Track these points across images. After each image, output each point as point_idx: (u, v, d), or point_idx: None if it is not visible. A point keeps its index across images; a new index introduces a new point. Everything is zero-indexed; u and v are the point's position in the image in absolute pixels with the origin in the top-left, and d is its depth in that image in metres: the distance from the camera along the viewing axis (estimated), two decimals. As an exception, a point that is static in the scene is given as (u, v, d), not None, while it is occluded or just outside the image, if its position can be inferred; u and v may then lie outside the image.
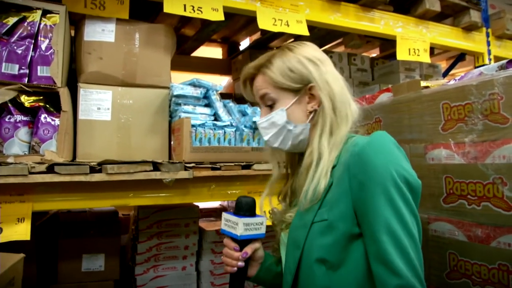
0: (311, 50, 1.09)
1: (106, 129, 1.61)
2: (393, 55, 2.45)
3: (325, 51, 2.78)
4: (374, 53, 3.42)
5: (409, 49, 2.38)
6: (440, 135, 1.33)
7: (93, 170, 1.37)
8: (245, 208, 1.10)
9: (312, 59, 1.06)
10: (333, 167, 1.01)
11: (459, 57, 3.20)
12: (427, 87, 1.43)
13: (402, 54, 2.34)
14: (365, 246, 0.93)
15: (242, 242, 1.10)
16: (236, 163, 1.57)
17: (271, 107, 1.10)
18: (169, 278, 2.16)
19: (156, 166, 1.44)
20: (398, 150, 0.95)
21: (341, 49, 3.14)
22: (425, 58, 2.43)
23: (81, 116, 1.59)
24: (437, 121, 1.34)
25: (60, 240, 1.95)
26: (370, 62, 2.98)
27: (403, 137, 1.47)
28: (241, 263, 1.10)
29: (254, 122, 1.63)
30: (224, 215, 1.14)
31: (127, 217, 2.76)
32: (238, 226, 1.07)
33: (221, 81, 3.01)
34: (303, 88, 1.06)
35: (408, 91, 1.46)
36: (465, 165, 1.24)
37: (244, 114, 1.76)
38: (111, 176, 1.35)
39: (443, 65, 3.54)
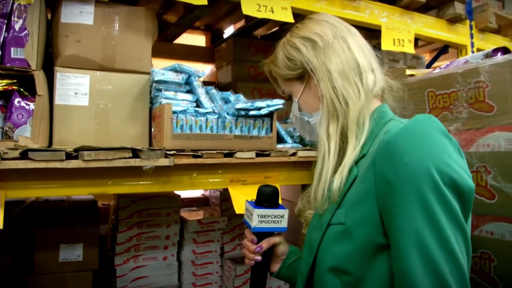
0: (312, 25, 0.98)
1: (83, 115, 1.55)
2: (377, 46, 2.43)
3: (310, 41, 2.76)
4: (359, 43, 3.40)
5: (394, 40, 2.37)
6: (425, 123, 1.32)
7: (69, 156, 1.31)
8: (263, 198, 1.01)
9: (309, 37, 0.96)
10: (363, 156, 0.86)
11: (443, 49, 3.22)
12: (412, 75, 1.42)
13: (386, 44, 2.33)
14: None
15: (259, 235, 1.02)
16: (218, 151, 1.54)
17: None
18: (149, 268, 2.13)
19: (135, 153, 1.40)
20: (447, 140, 0.74)
21: (325, 39, 3.11)
22: (410, 49, 2.42)
23: (57, 101, 1.53)
24: (422, 109, 1.33)
25: (37, 229, 1.89)
26: (354, 52, 2.97)
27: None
28: (258, 257, 1.02)
29: (237, 110, 1.59)
30: (246, 203, 1.06)
31: (106, 207, 2.70)
32: (253, 217, 0.99)
33: (204, 69, 2.96)
34: (305, 73, 0.97)
35: (393, 79, 1.45)
36: (449, 154, 1.24)
37: (226, 101, 1.72)
38: (88, 163, 1.31)
39: (427, 57, 3.55)
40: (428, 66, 3.23)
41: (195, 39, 3.12)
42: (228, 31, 3.06)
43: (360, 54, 0.94)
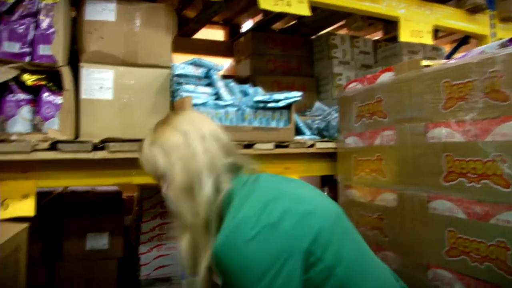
0: (169, 134, 1.02)
1: (108, 109, 1.62)
2: (396, 38, 2.43)
3: (328, 33, 2.78)
4: (377, 36, 3.39)
5: (412, 31, 2.36)
6: (441, 113, 1.33)
7: (96, 148, 1.38)
8: None
9: (163, 148, 1.00)
10: None
11: (463, 40, 3.18)
12: (428, 66, 1.43)
13: (404, 35, 2.32)
14: None
15: None
16: (238, 142, 1.58)
17: None
18: (172, 258, 2.19)
19: (158, 145, 1.45)
20: (254, 247, 0.82)
21: (344, 31, 3.12)
22: (428, 40, 2.41)
23: (83, 95, 1.59)
24: (438, 99, 1.34)
25: (65, 219, 1.97)
26: (373, 44, 2.96)
27: (404, 116, 1.47)
28: None
29: (256, 102, 1.63)
30: None
31: (130, 198, 2.78)
32: None
33: (222, 64, 3.01)
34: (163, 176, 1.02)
35: (409, 70, 1.46)
36: (466, 143, 1.25)
37: (245, 94, 1.76)
38: (113, 154, 1.37)
39: (447, 48, 3.51)
40: (448, 57, 3.20)
41: (214, 33, 3.16)
42: (246, 26, 3.10)
43: (205, 159, 0.98)
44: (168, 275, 2.18)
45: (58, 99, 1.55)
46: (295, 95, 1.68)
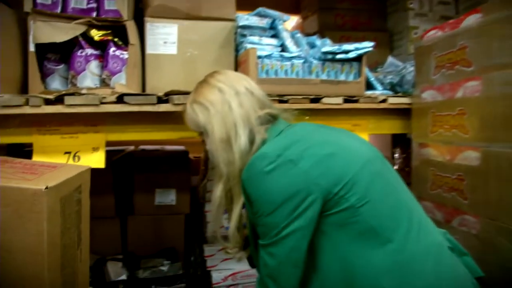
0: (207, 91, 1.10)
1: (172, 63, 1.61)
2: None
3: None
4: (459, -16, 3.08)
5: (502, -26, 2.09)
6: (540, 57, 1.16)
7: (160, 100, 1.38)
8: None
9: (203, 104, 1.09)
10: None
11: None
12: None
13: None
14: None
15: None
16: (304, 96, 1.51)
17: None
18: (237, 216, 2.20)
19: (222, 98, 1.42)
20: (267, 177, 0.92)
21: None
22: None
23: (148, 50, 1.59)
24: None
25: (136, 174, 2.04)
26: (454, -7, 2.69)
27: (492, 63, 1.30)
28: None
29: (324, 53, 1.54)
30: None
31: (197, 159, 2.82)
32: None
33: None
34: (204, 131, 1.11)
35: (501, 9, 1.28)
36: None
37: (312, 45, 1.67)
38: (177, 106, 1.36)
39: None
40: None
41: (279, -11, 3.04)
42: (314, -21, 2.93)
43: (240, 112, 1.05)
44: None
45: (125, 54, 1.56)
46: (366, 46, 1.56)
